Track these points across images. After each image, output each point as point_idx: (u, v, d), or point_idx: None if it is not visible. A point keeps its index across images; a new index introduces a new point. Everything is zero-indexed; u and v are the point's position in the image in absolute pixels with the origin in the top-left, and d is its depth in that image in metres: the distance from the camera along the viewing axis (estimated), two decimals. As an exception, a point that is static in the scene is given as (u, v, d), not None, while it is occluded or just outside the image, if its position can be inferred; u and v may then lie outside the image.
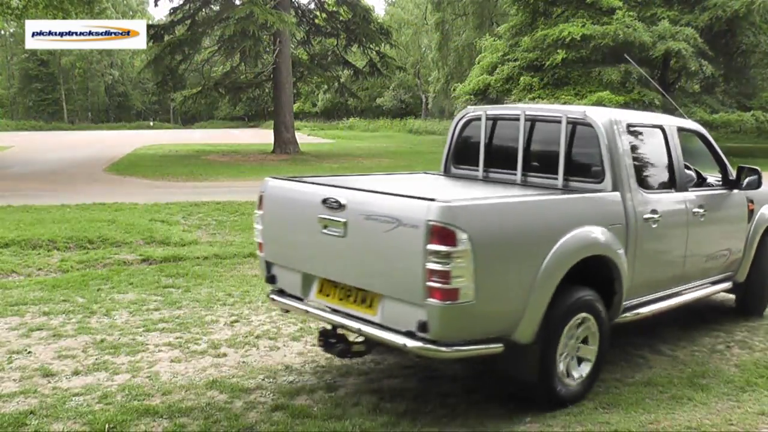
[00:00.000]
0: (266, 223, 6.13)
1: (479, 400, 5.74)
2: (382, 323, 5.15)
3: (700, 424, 5.28)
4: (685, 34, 32.69)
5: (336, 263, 5.50)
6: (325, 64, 40.91)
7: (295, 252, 5.93)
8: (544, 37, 33.96)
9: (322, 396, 5.73)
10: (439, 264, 4.68)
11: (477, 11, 56.03)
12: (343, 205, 5.28)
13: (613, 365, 6.57)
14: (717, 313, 8.48)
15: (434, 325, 4.79)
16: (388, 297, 5.14)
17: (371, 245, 5.17)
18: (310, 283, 5.79)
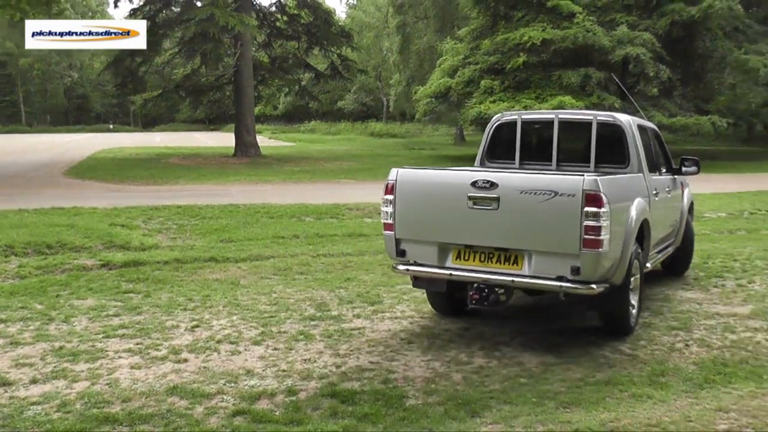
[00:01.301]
0: (399, 206, 7.28)
1: (439, 402, 5.76)
2: (532, 274, 6.76)
3: (660, 421, 5.35)
4: (643, 39, 33.13)
5: (483, 231, 6.90)
6: (286, 67, 40.87)
7: (434, 227, 7.19)
8: (505, 40, 34.15)
9: (283, 400, 5.73)
10: (592, 221, 6.39)
11: (438, 14, 56.15)
12: (495, 184, 6.73)
13: (575, 365, 6.67)
14: (675, 312, 8.61)
15: (586, 269, 6.51)
16: (537, 252, 6.75)
17: (525, 213, 6.68)
18: (447, 252, 7.17)
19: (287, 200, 17.77)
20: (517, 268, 6.82)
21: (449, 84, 36.55)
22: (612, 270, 6.83)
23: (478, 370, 6.48)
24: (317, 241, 13.13)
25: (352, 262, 11.28)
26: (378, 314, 8.31)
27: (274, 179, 25.11)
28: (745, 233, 14.76)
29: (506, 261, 6.88)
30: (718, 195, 20.91)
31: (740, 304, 9.03)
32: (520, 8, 35.59)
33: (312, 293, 9.24)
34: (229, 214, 15.66)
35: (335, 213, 16.17)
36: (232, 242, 12.80)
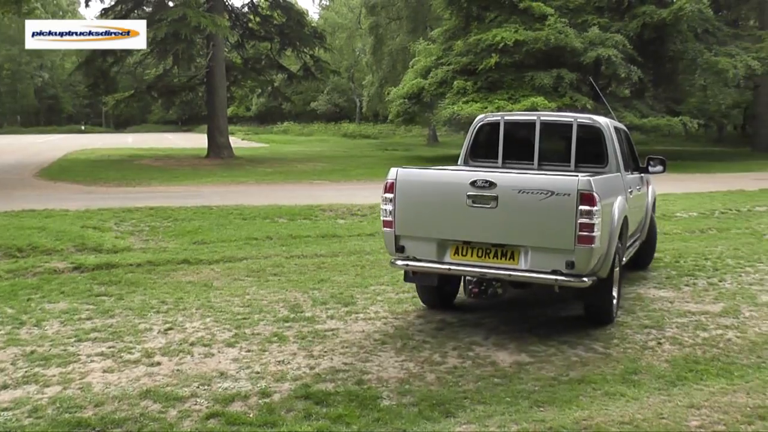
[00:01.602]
0: (399, 204, 7.63)
1: (413, 402, 5.77)
2: (528, 268, 7.15)
3: (633, 418, 5.39)
4: (614, 41, 33.36)
5: (481, 228, 7.30)
6: (259, 68, 40.76)
7: (433, 224, 7.56)
8: (478, 41, 34.20)
9: (257, 402, 5.71)
10: (586, 219, 6.83)
11: (411, 15, 56.28)
12: (493, 183, 7.12)
13: (548, 364, 6.72)
14: (647, 311, 8.68)
15: (580, 263, 6.95)
16: (533, 248, 7.16)
17: (523, 211, 7.11)
18: (445, 248, 7.53)
19: (260, 201, 17.72)
20: (514, 263, 7.25)
21: (422, 85, 36.57)
22: (599, 264, 7.27)
23: (452, 371, 6.50)
24: (290, 242, 13.10)
25: (325, 264, 11.27)
26: (351, 315, 8.31)
27: (247, 180, 25.03)
28: (716, 232, 14.88)
29: (503, 256, 7.30)
30: (690, 195, 21.07)
31: (711, 303, 9.16)
32: (492, 9, 35.68)
33: (285, 295, 9.22)
34: (202, 215, 15.58)
35: (308, 214, 16.14)
36: (205, 244, 12.74)
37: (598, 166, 8.65)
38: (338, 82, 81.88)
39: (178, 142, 60.09)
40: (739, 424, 5.34)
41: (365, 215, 16.22)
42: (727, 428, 5.28)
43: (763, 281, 10.41)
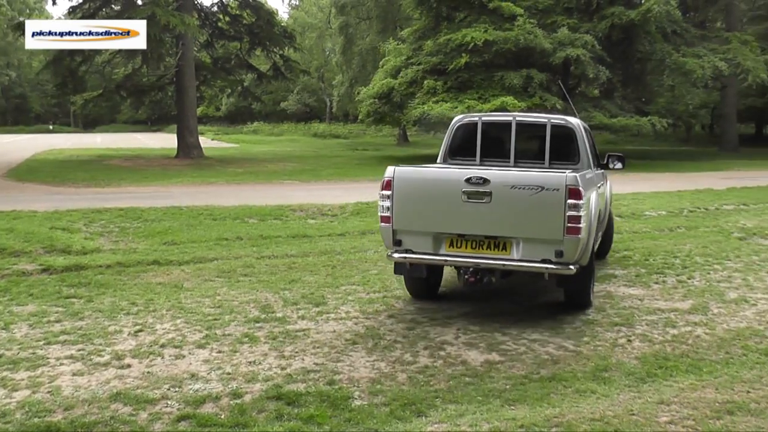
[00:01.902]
0: (397, 200, 8.06)
1: (384, 402, 5.78)
2: (520, 258, 7.71)
3: (604, 415, 5.43)
4: (583, 41, 33.54)
5: (475, 222, 7.81)
6: (228, 67, 40.62)
7: (430, 219, 8.04)
8: (448, 41, 34.27)
9: (228, 403, 5.69)
10: (574, 212, 7.39)
11: (381, 15, 56.32)
12: (487, 180, 7.64)
13: (519, 362, 6.75)
14: (617, 308, 8.75)
15: (568, 252, 7.53)
16: (525, 239, 7.71)
17: (514, 205, 7.63)
18: (440, 241, 8.03)
19: (231, 202, 17.66)
20: (506, 253, 7.81)
21: (392, 84, 36.57)
22: (582, 253, 7.77)
23: (423, 370, 6.50)
24: (261, 242, 13.06)
25: (296, 264, 11.24)
26: (323, 315, 8.30)
27: (218, 181, 24.93)
28: (684, 230, 14.99)
29: (496, 247, 7.85)
30: (659, 194, 21.23)
31: (681, 300, 9.26)
32: (462, 9, 35.80)
33: (256, 295, 9.20)
34: (172, 216, 15.50)
35: (279, 214, 16.10)
36: (175, 245, 12.67)
37: (571, 164, 9.23)
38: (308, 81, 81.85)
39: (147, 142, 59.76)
40: (708, 420, 5.39)
41: (336, 215, 16.20)
42: (696, 423, 5.33)
43: (731, 278, 10.53)
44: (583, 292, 8.60)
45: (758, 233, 14.53)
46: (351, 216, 16.11)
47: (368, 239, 13.45)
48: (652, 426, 5.30)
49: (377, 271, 10.71)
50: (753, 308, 8.95)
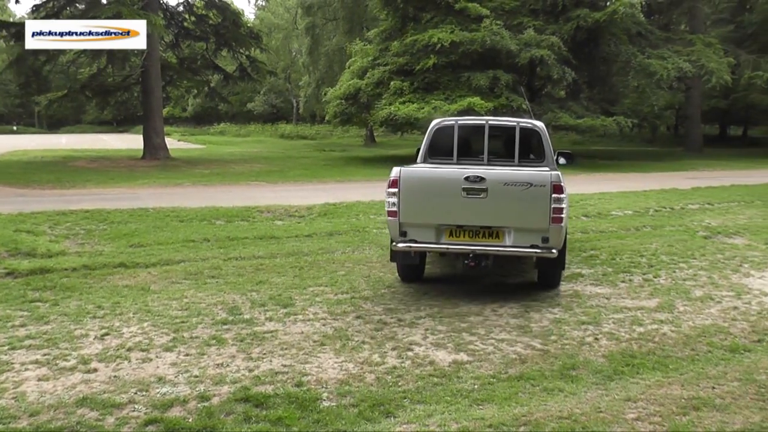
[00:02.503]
0: (405, 197, 8.97)
1: (353, 403, 5.78)
2: (512, 245, 8.88)
3: (571, 413, 5.48)
4: (549, 42, 33.69)
5: (472, 214, 8.90)
6: (194, 68, 40.37)
7: (432, 212, 9.05)
8: (414, 42, 34.30)
9: (196, 406, 5.66)
10: (557, 204, 8.63)
11: (347, 16, 56.30)
12: (484, 178, 8.73)
13: (487, 362, 6.79)
14: (584, 307, 8.83)
15: (552, 239, 8.76)
16: (516, 229, 8.87)
17: (507, 199, 8.77)
18: (441, 232, 9.07)
19: (197, 203, 17.56)
20: (500, 241, 8.95)
21: (359, 85, 36.54)
22: (561, 240, 8.97)
23: (391, 371, 6.51)
24: (228, 244, 13.01)
25: (263, 265, 11.21)
26: (290, 317, 8.28)
27: (184, 182, 24.78)
28: (650, 230, 15.11)
29: (491, 236, 8.97)
30: (625, 193, 21.40)
31: (647, 298, 9.37)
32: (428, 10, 35.83)
33: (224, 297, 9.16)
34: (139, 218, 15.39)
35: (246, 216, 16.03)
36: (141, 247, 12.58)
37: (537, 161, 10.42)
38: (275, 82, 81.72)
39: (113, 143, 59.29)
40: (674, 416, 5.47)
41: (303, 216, 16.16)
42: (663, 420, 5.41)
43: (696, 276, 10.67)
44: (556, 273, 9.86)
45: (723, 232, 14.70)
46: (318, 217, 16.08)
47: (336, 240, 13.45)
48: (620, 423, 5.35)
49: (345, 272, 10.71)
50: (718, 305, 9.09)
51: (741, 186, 24.27)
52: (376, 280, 10.26)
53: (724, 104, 54.71)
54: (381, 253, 12.31)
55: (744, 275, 10.89)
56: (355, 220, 15.71)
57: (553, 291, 9.76)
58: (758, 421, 5.46)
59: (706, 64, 38.06)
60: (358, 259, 11.84)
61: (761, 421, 5.45)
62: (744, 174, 30.30)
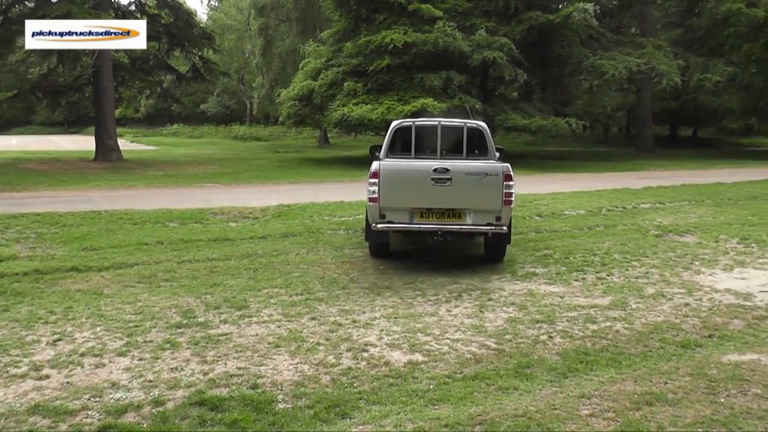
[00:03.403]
0: (385, 187, 10.76)
1: (308, 405, 5.79)
2: (472, 224, 10.82)
3: (526, 411, 5.54)
4: (500, 43, 33.84)
5: (439, 199, 10.78)
6: (146, 68, 39.95)
7: (407, 198, 10.88)
8: (367, 43, 34.28)
9: (150, 411, 5.63)
10: (508, 189, 10.62)
11: (300, 17, 56.07)
12: (448, 169, 10.67)
13: (442, 362, 6.83)
14: (538, 306, 8.90)
15: (503, 218, 10.73)
16: (474, 210, 10.81)
17: (469, 187, 10.71)
18: (413, 214, 10.91)
19: (151, 205, 17.42)
20: (462, 220, 10.88)
21: (312, 86, 36.41)
22: (508, 218, 10.91)
23: (347, 372, 6.53)
24: (182, 246, 12.92)
25: (217, 267, 11.16)
26: (245, 319, 8.26)
27: (137, 184, 24.54)
28: (603, 229, 15.26)
29: (455, 216, 10.89)
30: (578, 193, 21.57)
31: (600, 296, 9.50)
32: (381, 11, 35.79)
33: (178, 300, 9.10)
34: (91, 221, 15.22)
35: (200, 218, 15.92)
36: (94, 250, 12.44)
37: (482, 156, 12.03)
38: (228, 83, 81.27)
39: (65, 144, 58.54)
40: (628, 411, 5.55)
41: (257, 218, 16.09)
42: (617, 415, 5.48)
43: (648, 274, 10.83)
44: (503, 246, 11.79)
45: (674, 230, 14.89)
46: (272, 218, 16.03)
47: (290, 242, 13.42)
48: (574, 419, 5.41)
49: (299, 274, 10.69)
50: (669, 302, 9.27)
51: (691, 185, 24.58)
52: (330, 281, 10.26)
53: (674, 106, 55.57)
54: (335, 254, 12.33)
55: (695, 272, 11.09)
56: (309, 221, 15.68)
57: (507, 290, 9.82)
58: (709, 414, 5.56)
59: (657, 67, 38.48)
60: (312, 260, 11.84)
61: (711, 415, 5.55)
62: (694, 174, 30.70)
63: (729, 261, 12.02)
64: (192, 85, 45.92)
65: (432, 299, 9.30)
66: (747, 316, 8.69)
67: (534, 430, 5.30)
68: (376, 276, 10.63)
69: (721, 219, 16.75)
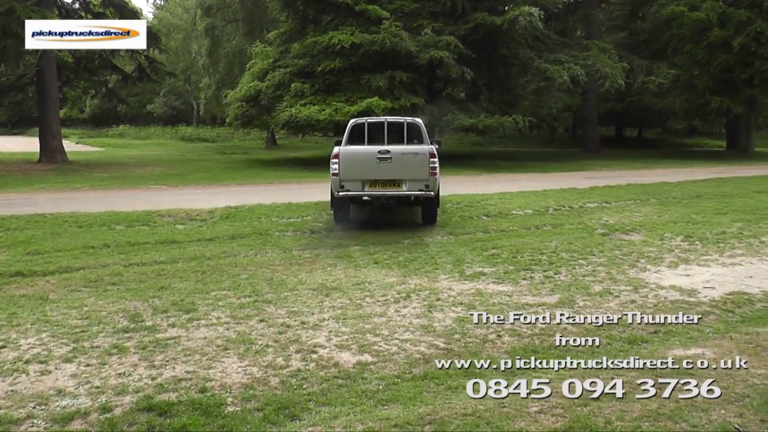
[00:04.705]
0: (343, 165, 14.35)
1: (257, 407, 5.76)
2: (407, 191, 14.37)
3: (475, 409, 5.58)
4: (446, 42, 34.00)
5: (383, 172, 14.38)
6: (91, 68, 39.46)
7: (359, 172, 14.43)
8: (314, 44, 34.27)
9: (98, 418, 5.57)
10: (433, 164, 14.37)
11: (247, 17, 55.76)
12: (389, 151, 14.35)
13: (391, 363, 6.84)
14: (487, 305, 8.94)
15: (430, 186, 14.39)
16: (409, 180, 14.35)
17: (405, 163, 14.35)
18: (364, 184, 14.44)
19: (97, 208, 17.22)
20: (400, 188, 14.54)
21: (259, 87, 36.25)
22: (436, 186, 14.71)
23: (296, 374, 6.52)
24: (129, 249, 12.79)
25: (165, 270, 11.06)
26: (193, 322, 8.19)
27: (83, 186, 24.26)
28: (550, 228, 15.40)
29: (395, 185, 14.56)
30: (525, 193, 21.73)
31: (548, 294, 9.58)
32: (328, 12, 35.77)
33: (125, 304, 8.99)
34: (36, 224, 15.01)
35: (147, 220, 15.77)
36: (39, 254, 12.26)
37: (419, 143, 15.17)
38: (175, 84, 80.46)
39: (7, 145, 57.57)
40: (576, 407, 5.64)
41: (205, 220, 15.98)
42: (565, 411, 5.57)
43: (595, 272, 10.94)
44: (433, 209, 15.55)
45: (620, 229, 15.08)
46: (220, 220, 15.94)
47: (238, 244, 13.37)
48: (523, 417, 5.48)
49: (247, 276, 10.65)
50: (616, 300, 9.39)
51: (637, 185, 24.89)
52: (278, 283, 10.22)
53: (619, 107, 56.28)
54: (284, 255, 12.31)
55: (641, 270, 11.23)
56: (257, 223, 15.63)
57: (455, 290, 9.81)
58: (655, 408, 5.68)
59: (602, 69, 38.95)
60: (260, 262, 11.80)
61: (658, 409, 5.66)
62: (639, 173, 31.13)
63: (674, 258, 12.20)
64: (138, 85, 45.40)
65: (381, 300, 9.31)
66: (691, 311, 8.83)
67: (483, 428, 5.35)
68: (324, 277, 10.61)
69: (665, 217, 17.00)
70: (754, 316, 8.78)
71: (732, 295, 9.68)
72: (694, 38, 44.73)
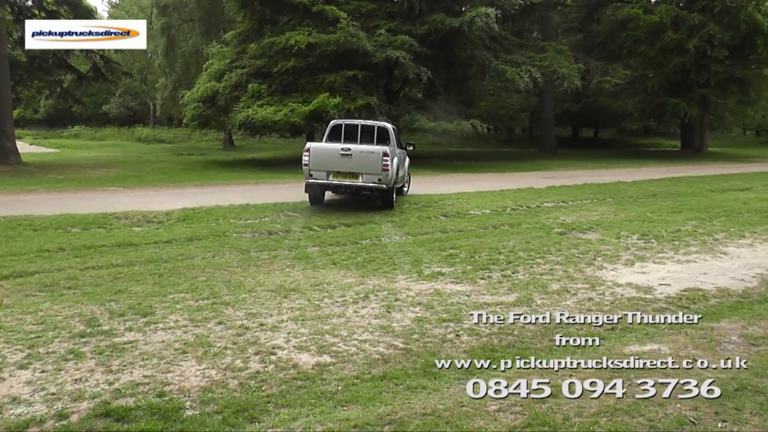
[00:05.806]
0: (312, 157, 17.31)
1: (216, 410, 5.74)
2: (363, 183, 17.39)
3: (435, 409, 5.61)
4: (401, 41, 34.10)
5: (344, 166, 17.29)
6: (46, 67, 38.95)
7: (325, 164, 17.36)
8: (271, 44, 34.23)
9: (54, 425, 5.50)
10: (385, 162, 17.24)
11: (204, 17, 55.42)
12: (350, 149, 17.47)
13: (350, 363, 6.86)
14: (445, 305, 8.98)
15: (383, 180, 17.33)
16: (366, 173, 17.28)
17: (362, 159, 17.24)
18: (329, 174, 17.40)
19: (52, 211, 17.00)
20: (358, 180, 17.22)
21: (216, 88, 36.07)
22: (389, 181, 17.37)
23: (255, 376, 6.50)
24: (85, 253, 12.65)
25: (122, 274, 10.95)
26: (151, 326, 8.12)
27: (37, 188, 23.95)
28: (508, 228, 15.49)
29: (353, 177, 17.26)
30: (483, 193, 21.86)
31: (506, 293, 9.67)
32: (285, 13, 35.72)
33: (81, 308, 8.88)
34: (-12, 227, 14.83)
35: (103, 222, 15.61)
36: (-8, 258, 12.12)
37: (387, 144, 18.22)
38: (130, 84, 79.87)
39: (-41, 149, 56.77)
40: (534, 404, 5.71)
41: (162, 222, 15.85)
42: (524, 409, 5.64)
43: (552, 271, 11.06)
44: (390, 200, 18.06)
45: (576, 228, 15.23)
46: (177, 222, 15.82)
47: (195, 246, 13.28)
48: (482, 415, 5.51)
49: (205, 278, 10.58)
50: (573, 297, 9.54)
51: (593, 184, 25.16)
52: (237, 284, 10.17)
53: (575, 108, 56.97)
54: (241, 257, 12.25)
55: (597, 268, 11.38)
56: (215, 224, 15.54)
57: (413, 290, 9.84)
58: (612, 404, 5.76)
59: (558, 70, 39.37)
60: (218, 264, 11.73)
61: (615, 404, 5.75)
62: (595, 173, 31.44)
63: (630, 256, 12.36)
64: (93, 85, 45.04)
65: (339, 301, 9.31)
66: (648, 308, 8.96)
67: (443, 428, 5.38)
68: (283, 278, 10.58)
69: (621, 216, 17.21)
70: (708, 311, 8.94)
71: (687, 292, 9.89)
72: (648, 40, 45.45)
